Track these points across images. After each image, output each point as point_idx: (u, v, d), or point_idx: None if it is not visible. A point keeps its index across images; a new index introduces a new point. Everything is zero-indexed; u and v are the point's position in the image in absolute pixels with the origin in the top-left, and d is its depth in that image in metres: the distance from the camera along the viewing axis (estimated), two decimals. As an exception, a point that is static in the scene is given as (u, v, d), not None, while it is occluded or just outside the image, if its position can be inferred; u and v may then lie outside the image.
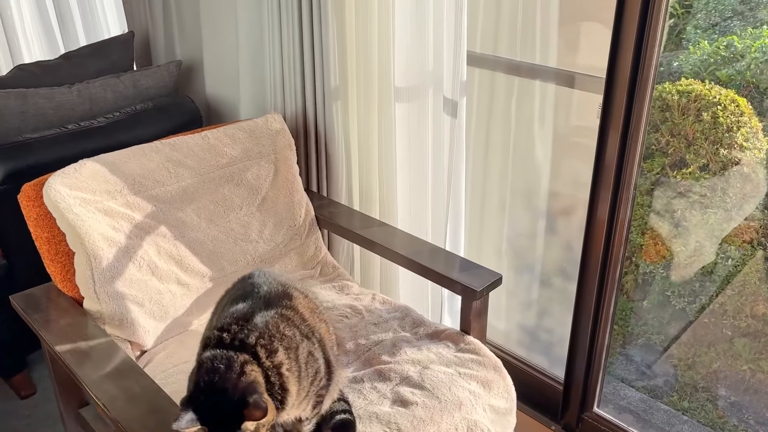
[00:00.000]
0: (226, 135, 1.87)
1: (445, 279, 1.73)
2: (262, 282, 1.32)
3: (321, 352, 1.30)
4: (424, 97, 1.97)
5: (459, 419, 1.52)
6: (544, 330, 2.34)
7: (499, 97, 2.17)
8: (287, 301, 1.29)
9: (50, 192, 1.53)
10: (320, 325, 1.34)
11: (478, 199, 2.28)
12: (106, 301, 1.57)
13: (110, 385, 1.35)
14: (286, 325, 1.23)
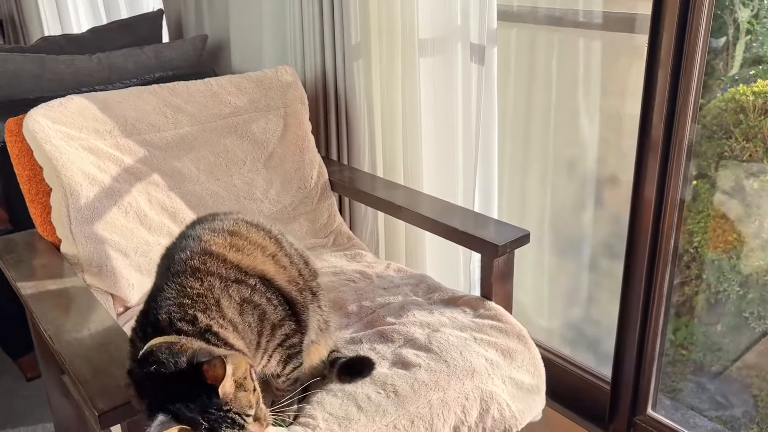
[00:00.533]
0: (232, 84, 1.73)
1: (462, 235, 1.51)
2: (180, 242, 1.16)
3: (266, 294, 1.12)
4: (451, 48, 1.79)
5: (471, 388, 1.28)
6: (590, 322, 2.05)
7: (538, 57, 1.96)
8: (195, 252, 1.10)
9: (29, 122, 1.42)
10: (264, 262, 1.16)
11: (517, 172, 2.05)
12: (83, 243, 1.43)
13: (64, 320, 1.19)
14: (195, 281, 1.05)
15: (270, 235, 1.20)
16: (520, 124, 1.97)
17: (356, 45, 1.92)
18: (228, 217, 1.21)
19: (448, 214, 1.60)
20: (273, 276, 1.15)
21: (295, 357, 1.17)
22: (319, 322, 1.24)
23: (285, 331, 1.13)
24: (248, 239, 1.17)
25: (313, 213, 1.82)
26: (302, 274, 1.21)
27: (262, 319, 1.09)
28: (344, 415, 1.17)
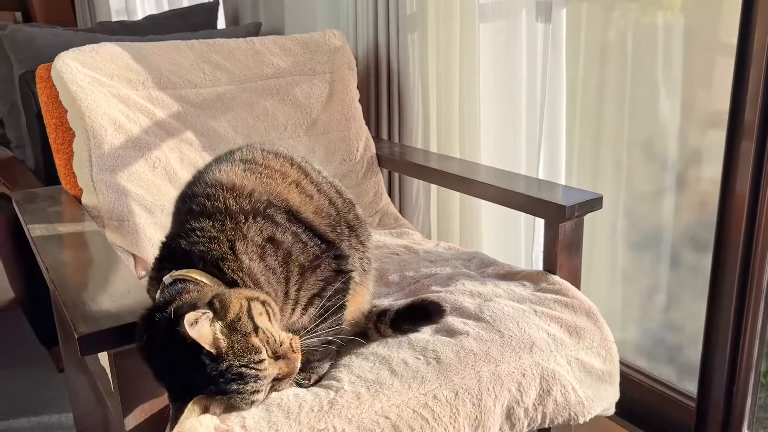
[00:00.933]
0: (276, 44, 1.62)
1: (524, 200, 1.31)
2: (194, 178, 1.03)
3: (290, 228, 0.94)
4: (515, 11, 1.63)
5: (529, 363, 1.07)
6: (670, 327, 1.79)
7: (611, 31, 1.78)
8: (206, 184, 0.96)
9: (57, 63, 1.34)
10: (287, 190, 0.99)
11: (587, 153, 1.84)
12: (104, 193, 1.31)
13: (65, 255, 1.07)
14: (206, 221, 0.91)
15: (292, 162, 1.04)
16: (591, 102, 1.78)
17: (411, 15, 1.80)
18: (243, 148, 1.07)
19: (509, 180, 1.41)
20: (298, 207, 0.98)
21: (336, 314, 0.98)
22: (362, 262, 1.06)
23: (322, 274, 0.95)
24: (266, 165, 1.01)
25: (357, 188, 1.66)
26: (334, 204, 1.04)
27: (287, 261, 0.92)
28: (375, 378, 0.98)
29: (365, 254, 1.07)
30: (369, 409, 0.94)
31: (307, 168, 1.06)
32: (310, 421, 0.90)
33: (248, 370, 0.80)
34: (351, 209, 1.08)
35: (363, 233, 1.08)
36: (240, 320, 0.80)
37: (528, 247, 1.66)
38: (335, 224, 1.03)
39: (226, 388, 0.80)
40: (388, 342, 1.08)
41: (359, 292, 1.07)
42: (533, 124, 1.65)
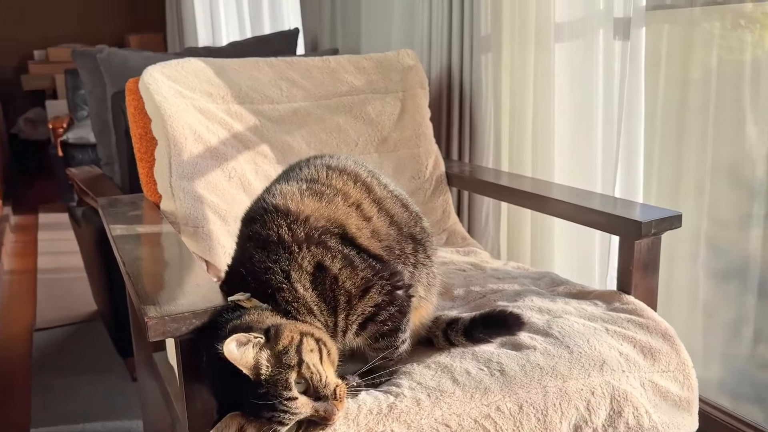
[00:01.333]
0: (351, 62, 1.66)
1: (598, 216, 1.27)
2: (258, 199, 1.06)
3: (342, 251, 0.94)
4: (592, 30, 1.61)
5: (599, 382, 1.02)
6: (758, 364, 1.67)
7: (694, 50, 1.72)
8: (265, 210, 0.98)
9: (145, 75, 1.42)
10: (347, 213, 0.99)
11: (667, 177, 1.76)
12: (181, 198, 1.37)
13: (142, 251, 1.11)
14: (263, 252, 0.92)
15: (356, 179, 1.03)
16: (672, 122, 1.71)
17: (485, 37, 1.80)
18: (310, 162, 1.08)
19: (583, 198, 1.37)
20: (354, 233, 0.97)
21: (392, 336, 0.97)
22: (428, 277, 1.04)
23: (372, 300, 0.94)
24: (329, 184, 1.01)
25: (425, 206, 1.66)
26: (396, 222, 1.03)
27: (333, 289, 0.91)
28: (436, 386, 0.96)
29: (431, 269, 1.06)
30: (429, 415, 0.92)
31: (372, 184, 1.05)
32: (369, 423, 0.89)
33: (279, 404, 0.79)
34: (417, 222, 1.07)
35: (429, 247, 1.07)
36: (287, 353, 0.81)
37: (603, 269, 1.60)
38: (394, 245, 1.01)
39: (259, 413, 0.80)
40: (451, 352, 1.05)
41: (423, 306, 1.06)
42: (609, 144, 1.60)
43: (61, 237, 3.69)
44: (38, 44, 5.41)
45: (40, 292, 2.90)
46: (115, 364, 2.26)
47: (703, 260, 1.70)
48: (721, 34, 1.65)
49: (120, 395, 2.08)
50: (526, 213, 1.73)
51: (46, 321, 2.59)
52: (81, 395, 2.05)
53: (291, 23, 2.80)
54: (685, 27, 1.70)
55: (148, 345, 1.56)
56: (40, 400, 2.02)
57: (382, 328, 0.95)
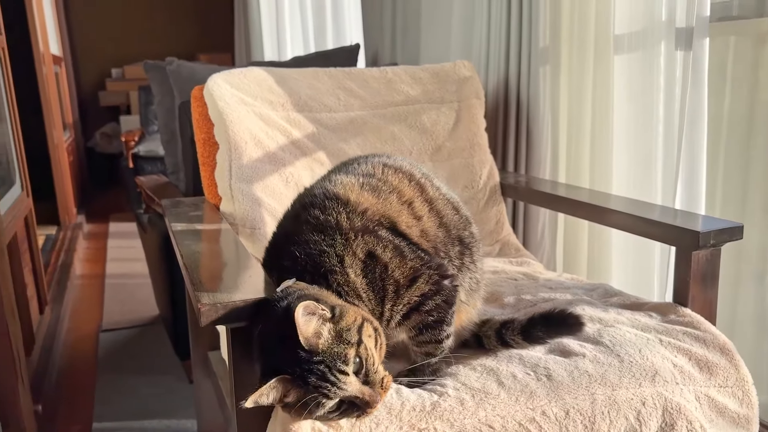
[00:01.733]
0: (407, 73, 1.69)
1: (655, 227, 1.24)
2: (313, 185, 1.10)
3: (393, 242, 0.97)
4: (653, 41, 1.58)
5: (650, 392, 0.99)
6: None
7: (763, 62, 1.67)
8: (323, 196, 1.02)
9: (209, 83, 1.48)
10: (399, 211, 1.01)
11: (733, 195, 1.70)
12: (240, 200, 1.41)
13: (200, 246, 1.15)
14: (318, 234, 0.96)
15: (411, 178, 1.06)
16: (737, 135, 1.66)
17: (543, 49, 1.80)
18: (368, 159, 1.11)
19: (641, 208, 1.35)
20: (404, 230, 1.00)
21: (436, 328, 0.98)
22: (470, 282, 1.05)
23: (419, 290, 0.95)
24: (385, 180, 1.04)
25: (478, 216, 1.66)
26: (445, 224, 1.05)
27: (383, 278, 0.94)
28: (480, 387, 0.96)
29: (475, 274, 1.06)
30: (472, 416, 0.91)
31: (425, 185, 1.07)
32: (412, 420, 0.89)
33: (330, 374, 0.81)
34: (467, 226, 1.08)
35: (476, 252, 1.07)
36: (349, 330, 0.84)
37: (662, 283, 1.56)
38: (440, 246, 1.03)
39: (308, 381, 0.82)
40: (497, 356, 1.05)
41: (463, 310, 1.06)
42: (670, 157, 1.57)
43: (129, 245, 3.85)
44: (115, 63, 5.71)
45: (107, 296, 3.03)
46: (174, 366, 2.33)
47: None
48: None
49: (177, 395, 2.14)
50: (583, 225, 1.70)
51: (111, 323, 2.70)
52: (141, 393, 2.12)
53: (353, 39, 2.87)
54: (753, 38, 1.66)
55: (204, 343, 1.60)
56: (103, 396, 2.10)
57: (426, 319, 0.96)
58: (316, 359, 0.81)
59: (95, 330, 2.64)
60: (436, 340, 0.99)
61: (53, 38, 4.54)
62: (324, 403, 0.82)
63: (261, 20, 3.27)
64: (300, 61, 2.56)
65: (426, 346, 0.99)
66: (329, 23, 2.92)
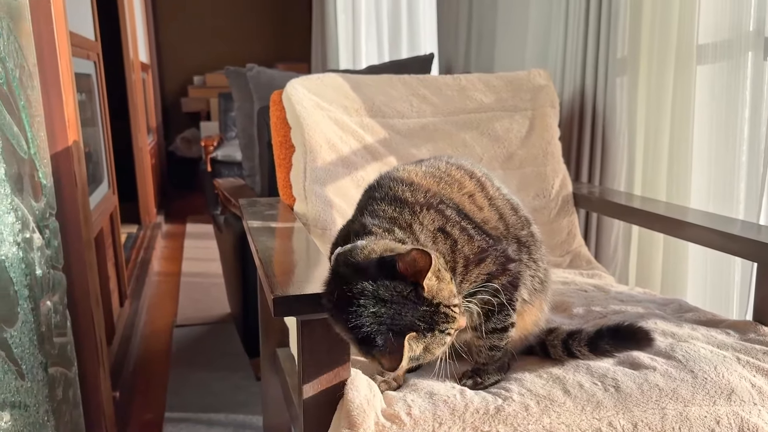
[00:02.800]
0: (481, 81, 1.69)
1: (734, 241, 1.20)
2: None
3: (460, 223, 0.99)
4: (739, 52, 1.53)
5: (726, 411, 0.95)
6: None
7: None
8: (391, 179, 1.05)
9: (288, 87, 1.53)
10: (461, 198, 1.03)
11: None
12: (313, 201, 1.45)
13: (275, 243, 1.19)
14: (389, 206, 0.99)
15: (472, 175, 1.08)
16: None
17: (621, 59, 1.77)
18: (430, 158, 1.14)
19: (721, 222, 1.30)
20: (467, 213, 1.01)
21: (502, 312, 0.98)
22: (533, 281, 1.04)
23: (487, 268, 0.96)
24: (448, 173, 1.07)
25: (549, 226, 1.64)
26: (505, 219, 1.05)
27: (453, 251, 0.95)
28: (546, 394, 0.95)
29: (537, 273, 1.06)
30: (536, 422, 0.91)
31: (486, 183, 1.08)
32: (475, 422, 0.90)
33: (450, 311, 0.84)
34: (526, 227, 1.08)
35: (536, 252, 1.07)
36: (440, 270, 0.86)
37: (742, 301, 1.49)
38: (501, 238, 1.03)
39: (436, 326, 0.83)
40: (564, 365, 1.04)
41: (528, 311, 1.05)
42: (755, 171, 1.50)
43: (205, 245, 4.00)
44: (197, 71, 5.96)
45: (183, 294, 3.15)
46: (243, 363, 2.40)
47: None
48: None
49: (244, 392, 2.20)
50: (658, 239, 1.66)
51: (185, 319, 2.80)
52: (210, 388, 2.20)
53: (427, 49, 2.89)
54: None
55: (273, 340, 1.65)
56: (175, 388, 2.18)
57: (492, 300, 0.97)
58: (436, 302, 0.83)
59: (170, 325, 2.75)
60: (502, 327, 0.99)
61: (142, 46, 4.78)
62: (447, 340, 0.84)
63: (338, 30, 3.35)
64: (374, 70, 2.60)
65: (492, 336, 0.99)
66: (404, 33, 2.96)
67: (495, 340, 0.99)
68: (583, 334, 1.05)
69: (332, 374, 0.93)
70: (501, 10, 2.39)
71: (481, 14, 2.59)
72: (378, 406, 0.92)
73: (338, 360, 0.93)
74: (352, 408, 0.90)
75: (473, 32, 2.60)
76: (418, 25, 2.90)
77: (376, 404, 0.92)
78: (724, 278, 1.52)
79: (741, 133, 1.51)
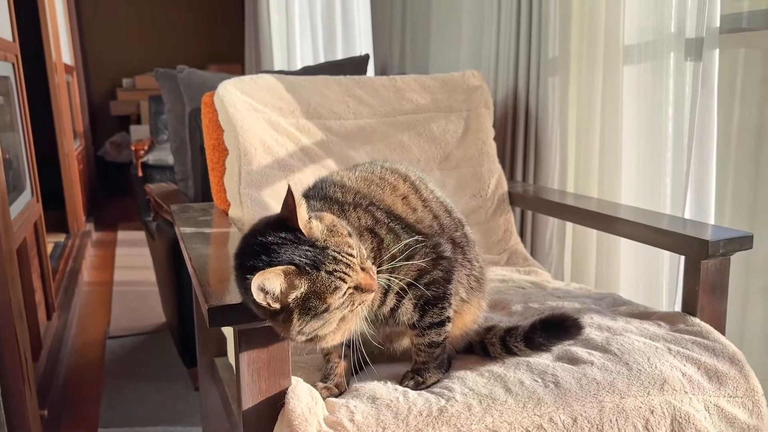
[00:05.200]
0: (416, 82, 1.69)
1: (664, 235, 1.24)
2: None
3: (389, 224, 1.00)
4: (662, 52, 1.59)
5: (659, 401, 0.98)
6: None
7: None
8: (321, 181, 1.06)
9: (220, 89, 1.49)
10: (394, 201, 1.04)
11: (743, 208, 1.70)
12: (249, 206, 1.42)
13: (208, 249, 1.16)
14: (316, 201, 1.00)
15: (405, 179, 1.09)
16: (748, 146, 1.66)
17: (553, 59, 1.81)
18: (366, 163, 1.14)
19: (650, 217, 1.34)
20: (400, 214, 1.01)
21: (437, 305, 0.98)
22: (469, 279, 1.05)
23: (417, 265, 0.96)
24: (381, 177, 1.07)
25: (486, 225, 1.66)
26: (439, 220, 1.06)
27: (380, 248, 0.95)
28: (488, 393, 0.95)
29: (472, 272, 1.07)
30: (479, 421, 0.91)
31: (420, 186, 1.09)
32: (418, 425, 0.89)
33: (340, 256, 0.84)
34: (459, 228, 1.09)
35: (470, 252, 1.08)
36: (336, 226, 0.87)
37: (672, 293, 1.55)
38: (436, 235, 1.03)
39: (322, 264, 0.83)
40: (505, 362, 1.05)
41: (467, 309, 1.06)
42: (680, 168, 1.56)
43: (137, 253, 3.86)
44: (127, 73, 5.76)
45: (115, 303, 3.03)
46: (180, 373, 2.33)
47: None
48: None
49: (183, 402, 2.14)
50: (591, 235, 1.70)
51: (118, 330, 2.70)
52: (147, 400, 2.12)
53: (362, 50, 2.88)
54: (762, 51, 1.66)
55: (211, 350, 1.60)
56: (109, 402, 2.10)
57: (426, 293, 0.97)
58: (323, 246, 0.83)
59: (102, 336, 2.65)
60: (439, 321, 1.00)
61: (65, 47, 4.58)
62: (340, 286, 0.83)
63: (271, 31, 3.29)
64: (310, 71, 2.57)
65: (430, 332, 0.99)
66: (339, 34, 2.94)
67: (433, 335, 0.99)
68: (519, 330, 1.06)
69: (272, 383, 0.91)
70: (435, 11, 2.41)
71: (415, 15, 2.61)
72: (320, 414, 0.90)
73: (278, 369, 0.91)
74: (293, 417, 0.88)
75: (408, 33, 2.61)
76: (353, 26, 2.89)
77: (318, 412, 0.90)
78: (654, 271, 1.57)
79: (666, 131, 1.57)
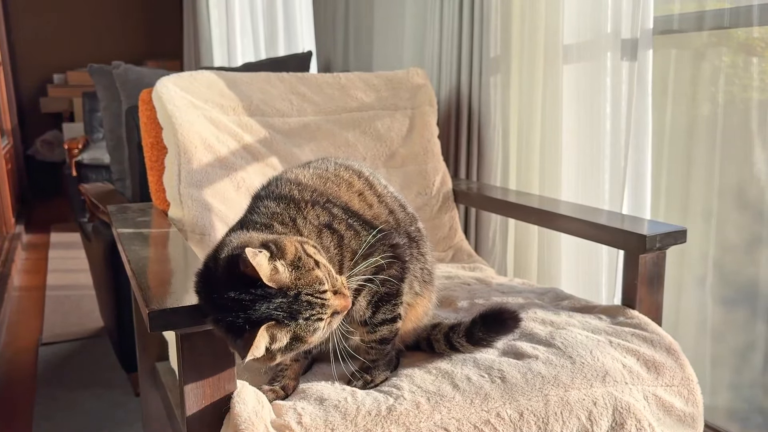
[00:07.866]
0: (361, 79, 1.69)
1: (603, 231, 1.27)
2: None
3: (347, 220, 0.99)
4: (599, 52, 1.63)
5: (601, 393, 1.01)
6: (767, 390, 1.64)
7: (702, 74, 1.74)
8: (276, 180, 1.05)
9: (158, 86, 1.45)
10: (350, 197, 1.04)
11: (676, 203, 1.76)
12: (189, 206, 1.38)
13: (147, 251, 1.12)
14: (272, 202, 0.98)
15: (360, 175, 1.09)
16: (679, 145, 1.72)
17: (495, 58, 1.83)
18: (319, 160, 1.13)
19: (590, 213, 1.38)
20: (356, 210, 1.01)
21: (390, 302, 0.99)
22: (422, 273, 1.06)
23: (375, 262, 0.96)
24: (336, 174, 1.07)
25: (431, 222, 1.66)
26: (395, 214, 1.06)
27: (340, 245, 0.95)
28: (436, 390, 0.96)
29: (425, 266, 1.07)
30: (428, 419, 0.91)
31: (374, 182, 1.10)
32: (367, 425, 0.88)
33: (314, 299, 0.82)
34: (413, 222, 1.10)
35: (423, 246, 1.09)
36: (300, 259, 0.84)
37: (611, 286, 1.60)
38: (393, 231, 1.03)
39: (298, 314, 0.81)
40: (452, 359, 1.05)
41: (419, 302, 1.07)
42: (617, 165, 1.61)
43: (72, 255, 3.72)
44: (58, 68, 5.53)
45: (49, 308, 2.91)
46: (120, 379, 2.26)
47: (711, 285, 1.68)
48: (730, 60, 1.67)
49: (123, 409, 2.07)
50: (533, 231, 1.73)
51: (52, 336, 2.59)
52: (84, 408, 2.04)
53: (305, 47, 2.86)
54: (691, 52, 1.72)
55: (152, 354, 1.56)
56: (43, 412, 2.01)
57: (380, 290, 0.97)
58: (293, 293, 0.81)
59: (35, 343, 2.54)
60: (392, 317, 1.00)
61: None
62: (319, 326, 0.82)
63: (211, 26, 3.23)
64: (251, 68, 2.53)
65: (381, 328, 0.99)
66: (281, 30, 2.90)
67: (385, 331, 0.99)
68: (462, 327, 1.07)
69: (217, 388, 0.89)
70: (377, 8, 2.40)
71: (357, 12, 2.60)
72: (267, 417, 0.88)
73: (222, 373, 0.89)
74: (239, 422, 0.86)
75: (351, 30, 2.60)
76: (295, 22, 2.86)
77: (265, 415, 0.88)
78: (594, 265, 1.62)
79: (604, 128, 1.61)
